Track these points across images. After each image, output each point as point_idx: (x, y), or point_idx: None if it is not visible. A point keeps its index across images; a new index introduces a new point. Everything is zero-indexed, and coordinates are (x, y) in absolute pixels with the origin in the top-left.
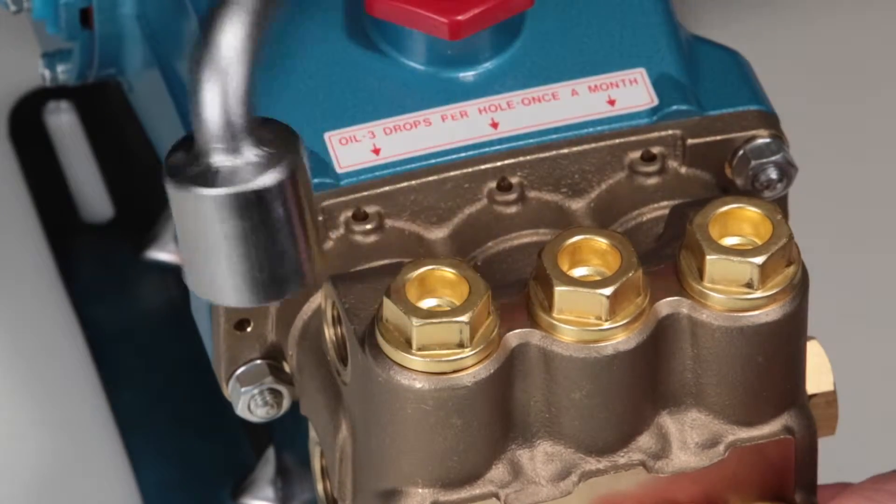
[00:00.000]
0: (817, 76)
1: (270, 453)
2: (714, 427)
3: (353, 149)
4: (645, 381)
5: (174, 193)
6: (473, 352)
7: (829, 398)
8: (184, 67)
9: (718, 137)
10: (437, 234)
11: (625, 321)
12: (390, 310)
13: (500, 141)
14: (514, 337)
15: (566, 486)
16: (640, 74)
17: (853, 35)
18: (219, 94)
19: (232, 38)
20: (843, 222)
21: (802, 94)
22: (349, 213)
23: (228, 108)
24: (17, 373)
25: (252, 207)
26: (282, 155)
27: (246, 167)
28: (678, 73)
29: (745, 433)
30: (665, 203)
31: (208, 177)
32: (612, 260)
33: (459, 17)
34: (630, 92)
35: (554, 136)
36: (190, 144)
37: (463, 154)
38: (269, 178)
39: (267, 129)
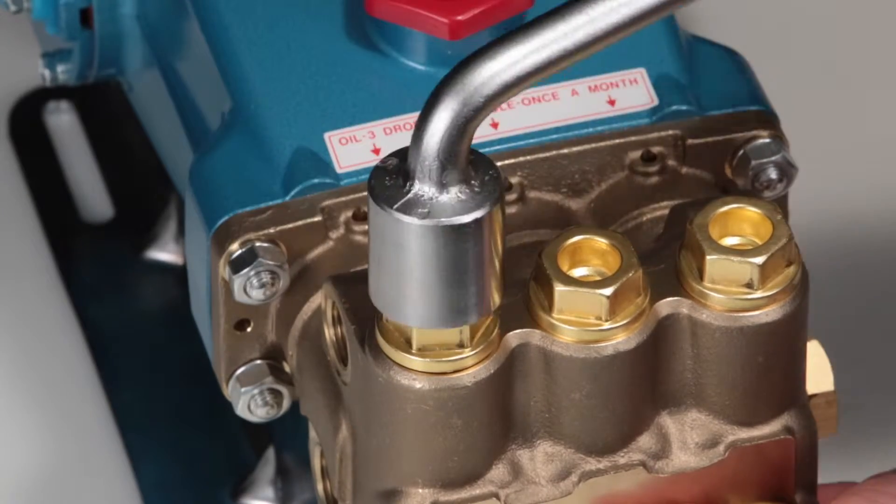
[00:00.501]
0: (818, 75)
1: (270, 453)
2: (714, 427)
3: (353, 149)
4: (645, 382)
5: (374, 210)
6: (473, 352)
7: (829, 398)
8: (184, 67)
9: (718, 137)
10: None
11: (625, 321)
12: None
13: (500, 141)
14: (514, 337)
15: (566, 486)
16: (640, 74)
17: (853, 34)
18: (450, 122)
19: (493, 75)
20: (844, 221)
21: (802, 93)
22: (349, 213)
23: (454, 139)
24: (17, 373)
25: (449, 240)
26: (487, 193)
27: (452, 201)
28: (678, 73)
29: (745, 433)
30: (665, 203)
31: (413, 204)
32: (612, 260)
33: (459, 17)
34: (630, 92)
35: (554, 136)
36: (401, 160)
37: None
38: (472, 216)
39: (474, 161)
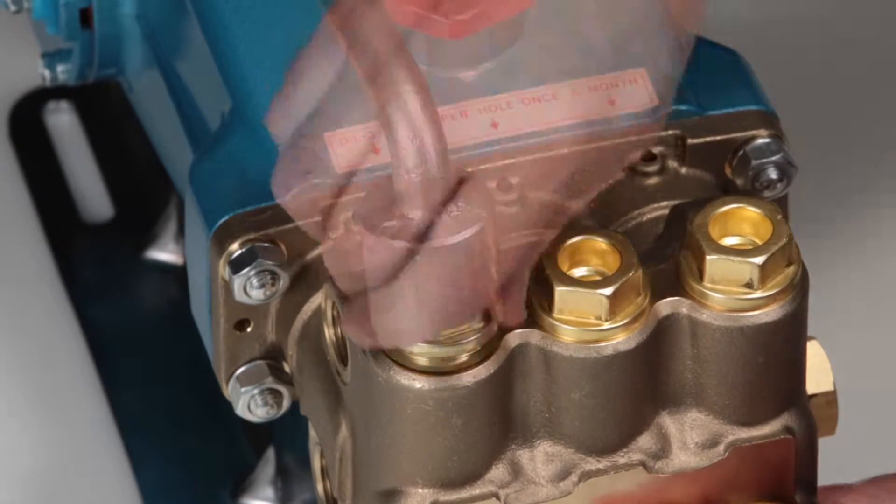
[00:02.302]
0: (817, 75)
1: (270, 453)
2: (714, 427)
3: (353, 149)
4: (645, 381)
5: (368, 240)
6: (473, 352)
7: (829, 398)
8: (184, 67)
9: (718, 137)
10: None
11: (625, 321)
12: None
13: (500, 141)
14: (515, 337)
15: (566, 486)
16: (639, 74)
17: (854, 34)
18: (417, 151)
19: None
20: (843, 222)
21: (802, 93)
22: (349, 213)
23: (430, 163)
24: (17, 373)
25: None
26: (476, 209)
27: (443, 222)
28: (678, 74)
29: (745, 433)
30: (665, 203)
31: (405, 231)
32: (612, 260)
33: (459, 17)
34: (630, 92)
35: (554, 136)
36: (386, 189)
37: (463, 154)
38: (464, 234)
39: (459, 178)
